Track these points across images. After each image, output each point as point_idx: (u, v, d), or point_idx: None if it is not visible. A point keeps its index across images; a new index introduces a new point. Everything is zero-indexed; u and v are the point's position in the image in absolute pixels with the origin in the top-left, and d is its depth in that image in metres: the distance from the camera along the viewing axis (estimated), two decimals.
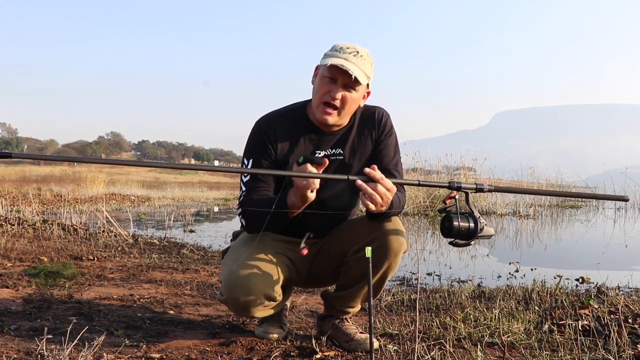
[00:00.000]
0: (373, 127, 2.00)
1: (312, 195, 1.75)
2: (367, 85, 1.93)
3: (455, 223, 1.68)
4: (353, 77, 1.79)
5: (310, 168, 1.69)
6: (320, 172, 1.71)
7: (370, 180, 1.64)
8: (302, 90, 2.00)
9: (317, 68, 1.94)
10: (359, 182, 1.62)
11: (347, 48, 1.84)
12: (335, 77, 1.84)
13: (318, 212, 1.96)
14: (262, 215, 1.83)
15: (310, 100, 1.98)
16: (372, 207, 1.66)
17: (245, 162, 1.97)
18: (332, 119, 1.90)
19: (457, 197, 1.70)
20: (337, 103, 1.86)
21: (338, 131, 1.99)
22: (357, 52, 1.84)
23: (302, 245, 1.91)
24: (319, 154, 1.97)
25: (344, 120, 1.96)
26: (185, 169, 1.65)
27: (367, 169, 1.65)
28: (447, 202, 1.71)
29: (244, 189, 1.95)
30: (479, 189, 1.69)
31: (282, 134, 1.95)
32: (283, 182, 1.94)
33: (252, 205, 1.88)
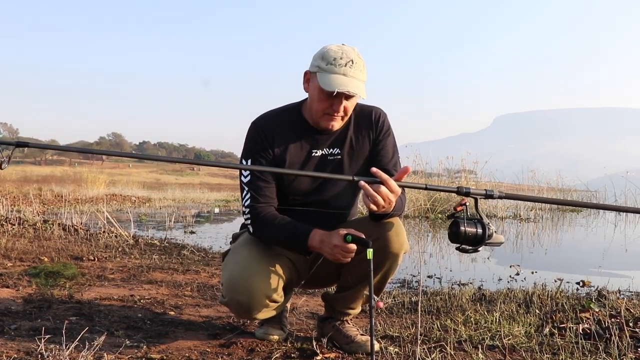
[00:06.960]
0: (370, 127, 1.99)
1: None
2: None
3: (462, 228, 1.64)
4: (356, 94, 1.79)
5: (354, 247, 1.74)
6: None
7: (376, 181, 1.62)
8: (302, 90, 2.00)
9: (306, 74, 1.89)
10: (362, 182, 1.61)
11: (341, 59, 1.78)
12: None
13: (320, 210, 1.97)
14: (273, 241, 1.94)
15: (305, 99, 1.97)
16: (373, 208, 1.64)
17: (244, 162, 1.97)
18: (337, 124, 1.92)
19: (467, 203, 1.67)
20: (341, 114, 1.87)
21: (334, 130, 1.98)
22: (351, 61, 1.78)
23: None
24: (316, 152, 1.96)
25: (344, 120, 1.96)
26: (195, 164, 1.65)
27: (373, 169, 1.64)
28: (458, 209, 1.67)
29: (246, 189, 1.94)
30: (488, 195, 1.64)
31: (278, 133, 1.95)
32: (284, 180, 1.95)
33: (264, 218, 1.89)
